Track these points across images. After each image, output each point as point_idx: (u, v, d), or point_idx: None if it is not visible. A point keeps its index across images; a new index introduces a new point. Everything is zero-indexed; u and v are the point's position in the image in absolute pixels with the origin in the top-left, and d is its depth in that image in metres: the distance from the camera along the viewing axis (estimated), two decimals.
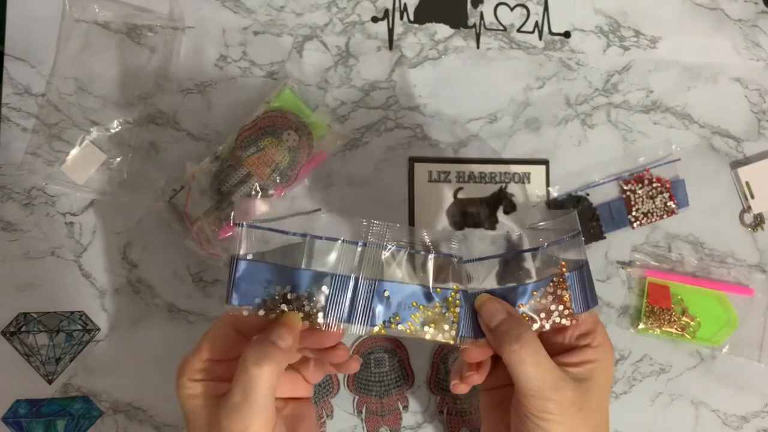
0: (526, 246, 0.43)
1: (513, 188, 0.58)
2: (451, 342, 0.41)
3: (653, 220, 0.58)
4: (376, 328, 0.40)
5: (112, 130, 0.55)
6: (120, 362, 0.54)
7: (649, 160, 0.60)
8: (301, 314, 0.39)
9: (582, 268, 0.43)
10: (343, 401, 0.55)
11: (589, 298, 0.43)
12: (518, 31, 0.60)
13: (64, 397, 0.53)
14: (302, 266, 0.40)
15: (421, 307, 0.41)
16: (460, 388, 0.44)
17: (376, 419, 0.55)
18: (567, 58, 0.60)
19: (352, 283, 0.40)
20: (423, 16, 0.59)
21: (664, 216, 0.59)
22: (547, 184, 0.59)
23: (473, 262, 0.43)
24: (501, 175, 0.58)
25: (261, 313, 0.39)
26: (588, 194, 0.59)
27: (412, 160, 0.58)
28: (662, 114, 0.61)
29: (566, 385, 0.40)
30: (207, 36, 0.56)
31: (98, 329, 0.54)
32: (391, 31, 0.59)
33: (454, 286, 0.41)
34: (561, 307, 0.42)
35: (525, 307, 0.42)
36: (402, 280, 0.41)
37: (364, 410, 0.55)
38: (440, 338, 0.41)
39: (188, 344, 0.54)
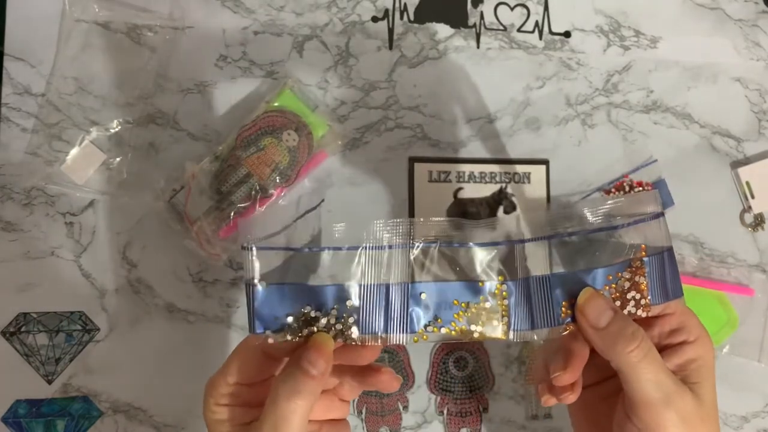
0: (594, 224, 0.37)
1: (513, 188, 0.58)
2: (503, 338, 0.37)
3: None
4: (416, 335, 0.36)
5: (112, 130, 0.54)
6: (120, 362, 0.54)
7: (627, 166, 0.59)
8: (332, 332, 0.36)
9: (663, 253, 0.37)
10: None
11: (670, 288, 0.38)
12: (518, 30, 0.60)
13: (64, 397, 0.53)
14: (326, 282, 0.36)
15: (463, 304, 0.36)
16: (551, 402, 0.39)
17: (376, 419, 0.55)
18: (567, 58, 0.60)
19: (383, 291, 0.36)
20: (423, 15, 0.59)
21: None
22: (548, 184, 0.59)
23: (527, 243, 0.37)
24: (501, 175, 0.58)
25: (288, 338, 0.36)
26: None
27: (412, 160, 0.57)
28: (662, 114, 0.61)
29: (686, 393, 0.35)
30: (207, 36, 0.56)
31: (98, 329, 0.54)
32: (391, 30, 0.59)
33: (499, 277, 0.37)
34: (638, 296, 0.37)
35: None
36: (437, 278, 0.37)
37: (364, 410, 0.55)
38: (491, 335, 0.37)
39: (188, 345, 0.55)
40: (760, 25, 0.62)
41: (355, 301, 0.36)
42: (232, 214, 0.52)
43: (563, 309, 0.36)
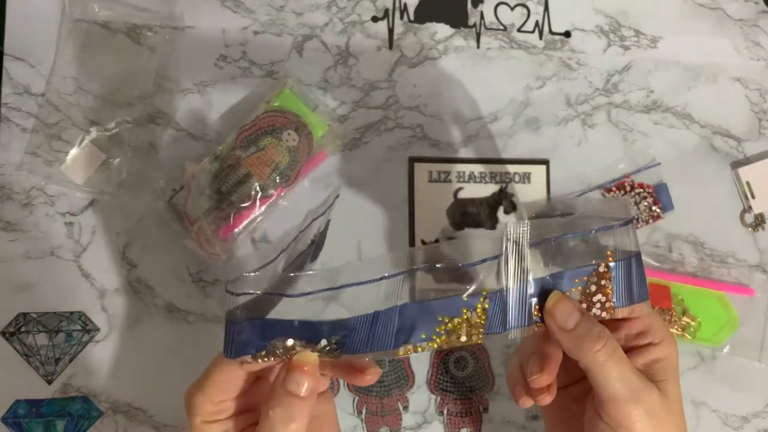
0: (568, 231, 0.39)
1: (513, 188, 0.58)
2: (479, 342, 0.38)
3: (639, 226, 0.58)
4: (401, 350, 0.37)
5: (112, 130, 0.54)
6: (119, 362, 0.54)
7: (630, 167, 0.59)
8: (316, 353, 0.36)
9: (631, 258, 0.39)
10: (344, 402, 0.55)
11: (636, 292, 0.39)
12: (518, 30, 0.60)
13: (64, 397, 0.53)
14: (318, 318, 0.37)
15: (446, 319, 0.38)
16: (528, 404, 0.40)
17: (376, 420, 0.55)
18: (567, 58, 0.60)
19: (370, 319, 0.37)
20: (423, 15, 0.59)
21: (650, 221, 0.59)
22: (548, 184, 0.59)
23: (509, 254, 0.39)
24: (501, 175, 0.58)
25: (266, 360, 0.36)
26: None
27: (412, 160, 0.57)
28: (663, 114, 0.61)
29: (652, 390, 0.37)
30: (207, 36, 0.56)
31: (98, 329, 0.54)
32: (391, 30, 0.59)
33: (483, 291, 0.38)
34: (603, 299, 0.39)
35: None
36: (424, 298, 0.39)
37: (364, 411, 0.55)
38: (468, 342, 0.38)
39: (188, 345, 0.55)
40: (760, 24, 0.62)
41: (342, 333, 0.37)
42: (232, 214, 0.52)
43: (535, 311, 0.38)
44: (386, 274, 0.37)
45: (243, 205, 0.52)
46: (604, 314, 0.39)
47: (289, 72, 0.57)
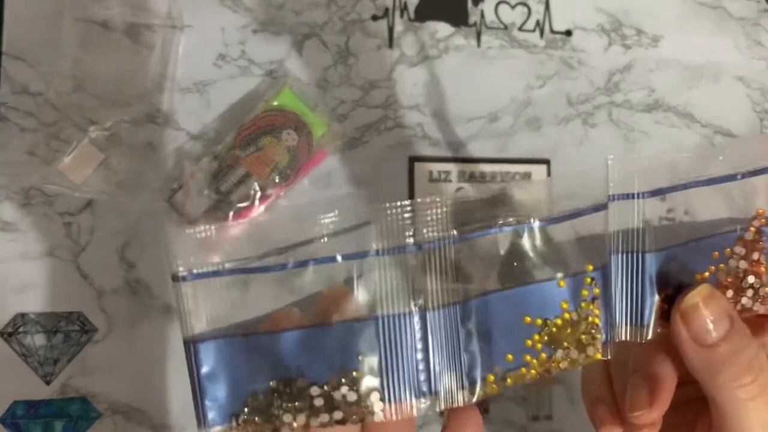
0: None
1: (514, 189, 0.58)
2: (599, 357, 0.25)
3: None
4: (478, 389, 0.23)
5: (111, 130, 0.54)
6: (118, 363, 0.53)
7: None
8: (327, 419, 0.22)
9: None
10: None
11: None
12: (519, 29, 0.60)
13: (62, 398, 0.53)
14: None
15: (537, 322, 0.23)
16: None
17: None
18: (568, 57, 0.60)
19: (414, 325, 0.22)
20: (423, 14, 0.59)
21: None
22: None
23: (613, 203, 0.25)
24: (502, 175, 0.58)
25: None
26: None
27: (412, 160, 0.57)
28: (664, 113, 0.60)
29: None
30: (206, 34, 0.56)
31: (96, 330, 0.53)
32: (391, 29, 0.58)
33: (587, 265, 0.24)
34: (756, 282, 0.26)
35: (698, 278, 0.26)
36: (487, 289, 0.23)
37: None
38: (581, 361, 0.24)
39: None
40: (762, 24, 0.62)
41: (370, 357, 0.22)
42: (231, 213, 0.52)
43: (657, 303, 0.25)
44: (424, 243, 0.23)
45: (242, 204, 0.52)
46: (758, 307, 0.26)
47: (289, 71, 0.57)
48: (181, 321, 0.22)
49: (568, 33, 0.60)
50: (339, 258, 0.22)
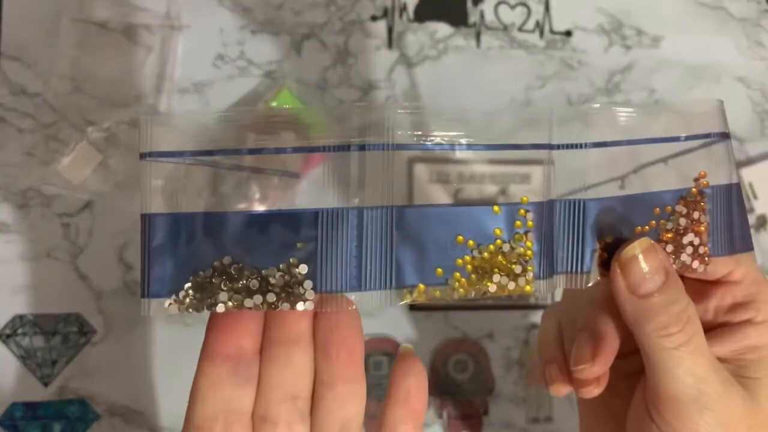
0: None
1: (513, 189, 0.58)
2: (528, 291, 0.25)
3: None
4: (406, 294, 0.24)
5: (109, 131, 0.54)
6: (116, 365, 0.53)
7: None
8: (260, 300, 0.23)
9: (731, 187, 0.27)
10: None
11: (737, 238, 0.27)
12: (519, 30, 0.60)
13: (61, 399, 0.53)
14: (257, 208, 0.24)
15: (470, 243, 0.24)
16: (563, 392, 0.31)
17: (375, 423, 0.54)
18: (568, 58, 0.60)
19: (352, 221, 0.23)
20: (423, 14, 0.59)
21: None
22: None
23: (560, 150, 0.25)
24: (501, 176, 0.58)
25: (189, 310, 0.24)
26: None
27: (412, 160, 0.57)
28: None
29: (734, 392, 0.27)
30: (204, 35, 0.56)
31: (95, 331, 0.53)
32: (390, 29, 0.58)
33: (522, 198, 0.25)
34: (696, 240, 0.26)
35: (640, 232, 0.26)
36: (430, 201, 0.26)
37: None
38: (510, 289, 0.24)
39: (185, 347, 0.54)
40: (763, 24, 0.62)
41: (307, 236, 0.23)
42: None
43: (598, 250, 0.26)
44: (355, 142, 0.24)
45: (241, 205, 0.52)
46: (696, 265, 0.26)
47: (288, 72, 0.56)
48: (141, 197, 0.23)
49: (568, 33, 0.60)
50: (290, 150, 0.24)
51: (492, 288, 0.24)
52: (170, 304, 0.23)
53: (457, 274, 0.24)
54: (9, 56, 0.54)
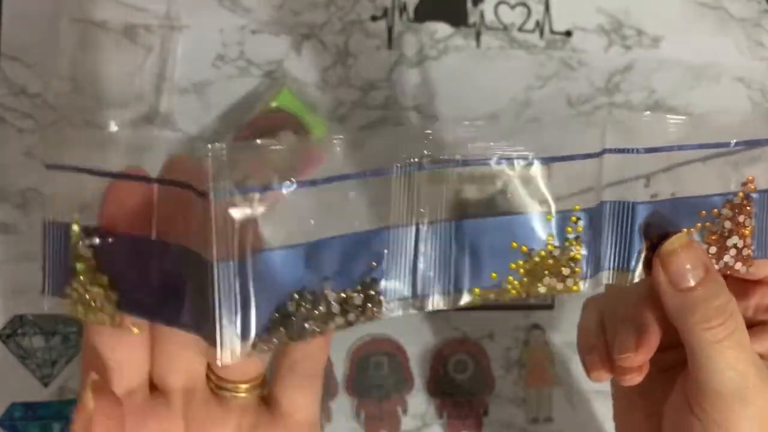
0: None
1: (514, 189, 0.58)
2: (575, 291, 0.27)
3: None
4: (464, 297, 0.25)
5: (108, 130, 0.54)
6: None
7: None
8: (342, 321, 0.24)
9: None
10: (341, 405, 0.55)
11: None
12: (519, 30, 0.60)
13: (61, 400, 0.53)
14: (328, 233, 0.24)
15: (523, 249, 0.26)
16: (604, 378, 0.32)
17: (375, 423, 0.55)
18: (568, 58, 0.60)
19: (413, 236, 0.25)
20: (423, 14, 0.59)
21: None
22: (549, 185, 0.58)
23: (611, 154, 0.26)
24: (501, 176, 0.57)
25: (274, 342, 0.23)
26: None
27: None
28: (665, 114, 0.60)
29: None
30: (204, 35, 0.56)
31: None
32: (390, 29, 0.58)
33: (575, 206, 0.26)
34: (740, 243, 0.27)
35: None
36: (483, 212, 0.27)
37: (362, 414, 0.55)
38: (558, 290, 0.26)
39: None
40: (763, 24, 0.62)
41: (378, 254, 0.24)
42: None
43: (644, 250, 0.27)
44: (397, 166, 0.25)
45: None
46: (739, 266, 0.28)
47: (288, 72, 0.56)
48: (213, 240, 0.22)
49: (568, 33, 0.60)
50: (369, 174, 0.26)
51: (542, 289, 0.26)
52: (255, 343, 0.22)
53: (511, 277, 0.26)
54: (9, 56, 0.54)
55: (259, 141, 0.24)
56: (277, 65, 0.56)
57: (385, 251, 0.25)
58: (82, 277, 0.23)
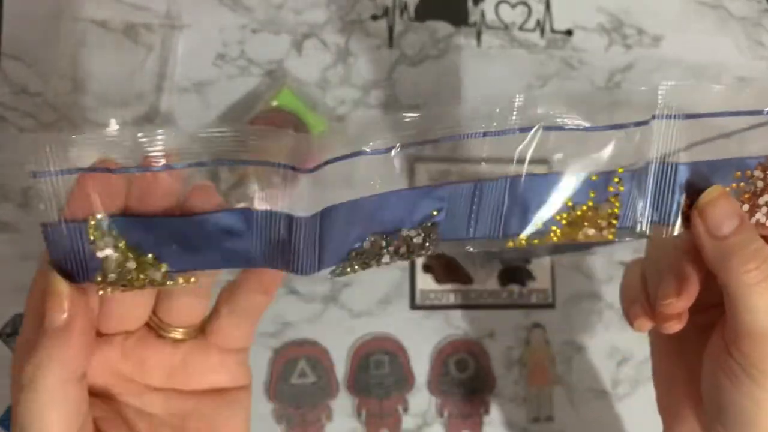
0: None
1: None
2: (611, 239, 0.30)
3: None
4: (514, 241, 0.30)
5: (109, 130, 0.54)
6: None
7: None
8: (405, 251, 0.30)
9: None
10: (342, 404, 0.55)
11: None
12: (520, 29, 0.60)
13: None
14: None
15: (568, 203, 0.29)
16: (646, 327, 0.34)
17: (376, 422, 0.54)
18: (569, 57, 0.60)
19: (475, 190, 0.30)
20: (423, 13, 0.59)
21: None
22: None
23: (656, 121, 0.29)
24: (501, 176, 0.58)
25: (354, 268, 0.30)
26: None
27: (413, 160, 0.57)
28: None
29: None
30: (205, 34, 0.56)
31: None
32: (391, 29, 0.58)
33: (619, 169, 0.29)
34: None
35: None
36: (540, 171, 0.30)
37: (363, 413, 0.54)
38: (596, 238, 0.30)
39: None
40: (762, 23, 0.62)
41: (440, 206, 0.29)
42: None
43: (683, 206, 0.30)
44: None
45: (241, 205, 0.52)
46: None
47: (288, 71, 0.56)
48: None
49: (569, 32, 0.60)
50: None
51: (581, 237, 0.30)
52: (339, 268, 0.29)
53: (554, 226, 0.29)
54: (9, 56, 0.54)
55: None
56: (277, 64, 0.56)
57: (445, 204, 0.29)
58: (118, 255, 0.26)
